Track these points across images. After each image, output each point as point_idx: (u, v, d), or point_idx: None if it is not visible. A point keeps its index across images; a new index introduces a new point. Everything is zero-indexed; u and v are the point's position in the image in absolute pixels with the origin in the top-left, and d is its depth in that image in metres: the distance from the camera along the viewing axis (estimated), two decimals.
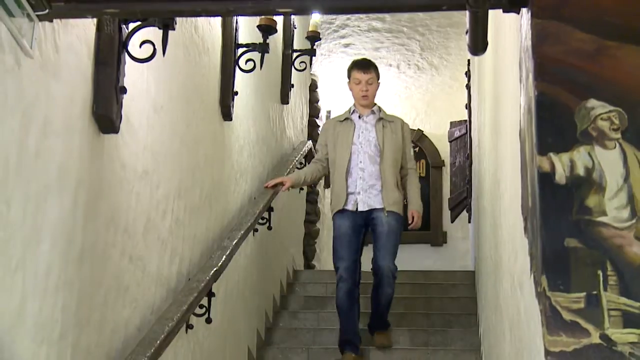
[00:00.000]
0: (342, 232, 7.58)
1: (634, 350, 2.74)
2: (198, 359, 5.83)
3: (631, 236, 2.85)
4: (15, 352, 3.16)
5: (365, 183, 7.54)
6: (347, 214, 7.57)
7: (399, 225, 7.60)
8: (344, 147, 7.64)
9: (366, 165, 7.56)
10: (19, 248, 3.17)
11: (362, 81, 7.74)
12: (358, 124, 7.76)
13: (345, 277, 7.43)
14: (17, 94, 3.13)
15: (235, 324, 7.04)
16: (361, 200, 7.54)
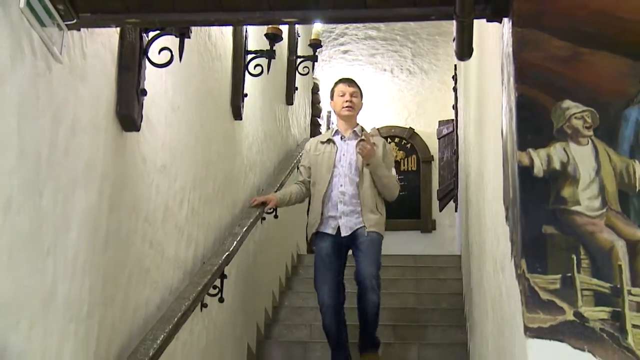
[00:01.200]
0: (322, 254, 6.72)
1: (604, 326, 2.74)
2: (212, 335, 5.83)
3: (602, 223, 2.85)
4: (48, 328, 3.16)
5: (347, 207, 6.68)
6: (327, 237, 6.72)
7: (379, 241, 6.72)
8: (325, 169, 6.80)
9: (347, 189, 6.71)
10: (50, 234, 3.17)
11: (346, 93, 6.90)
12: (340, 146, 6.88)
13: (328, 302, 6.56)
14: (48, 96, 3.13)
15: (245, 303, 7.04)
16: (343, 225, 6.67)
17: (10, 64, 2.81)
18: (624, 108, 2.94)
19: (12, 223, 2.84)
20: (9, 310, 2.83)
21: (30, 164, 2.98)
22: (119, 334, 4.02)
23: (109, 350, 3.87)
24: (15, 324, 2.89)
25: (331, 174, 6.74)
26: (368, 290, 6.42)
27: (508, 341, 3.39)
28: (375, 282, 6.45)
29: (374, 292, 6.43)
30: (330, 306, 6.52)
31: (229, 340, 6.43)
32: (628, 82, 2.96)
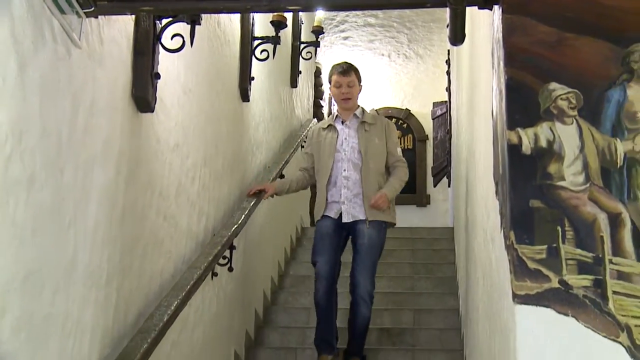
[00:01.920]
0: (323, 231, 6.22)
1: (586, 292, 2.75)
2: (222, 301, 5.85)
3: (585, 197, 2.86)
4: (70, 295, 3.17)
5: (350, 192, 6.16)
6: (329, 219, 6.23)
7: (380, 237, 6.17)
8: (328, 155, 6.30)
9: (350, 174, 6.20)
10: (71, 208, 3.17)
11: (342, 84, 6.33)
12: (341, 131, 6.36)
13: (323, 273, 6.05)
14: (68, 79, 3.13)
15: (253, 272, 7.05)
16: (345, 211, 6.16)
17: (32, 49, 2.81)
18: (606, 89, 2.94)
19: (36, 198, 2.84)
20: (33, 279, 2.84)
21: (52, 143, 2.98)
22: (136, 301, 4.03)
23: (126, 316, 3.89)
24: (39, 292, 2.90)
25: (333, 159, 6.27)
26: (360, 304, 5.98)
27: (497, 307, 3.39)
28: (368, 297, 5.99)
29: (366, 307, 5.99)
30: (325, 276, 6.05)
31: (237, 306, 6.44)
32: (610, 65, 2.96)
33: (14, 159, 2.68)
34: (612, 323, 2.71)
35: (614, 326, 2.71)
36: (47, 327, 2.98)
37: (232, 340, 6.35)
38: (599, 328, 2.72)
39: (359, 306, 5.95)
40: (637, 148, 2.89)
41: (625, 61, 2.96)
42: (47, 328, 2.98)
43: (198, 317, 5.17)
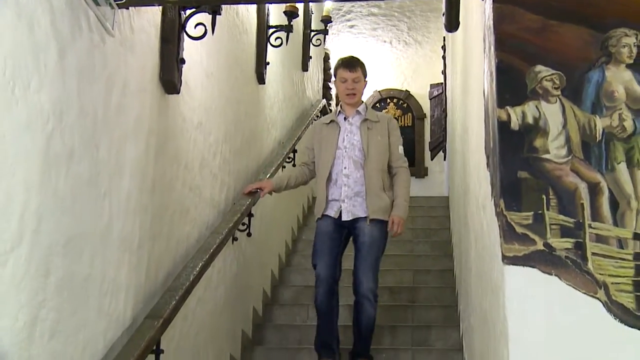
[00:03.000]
0: (323, 230, 5.45)
1: (568, 254, 2.75)
2: (241, 263, 5.87)
3: (568, 169, 2.86)
4: (106, 258, 3.19)
5: (351, 190, 5.37)
6: (329, 218, 5.44)
7: (382, 235, 5.40)
8: (328, 151, 5.49)
9: (351, 172, 5.40)
10: (106, 180, 3.18)
11: (348, 79, 5.50)
12: (343, 127, 5.54)
13: (323, 276, 5.32)
14: (103, 64, 3.14)
15: (269, 237, 7.07)
16: (345, 209, 5.37)
17: (70, 37, 2.81)
18: (586, 71, 2.94)
19: (75, 171, 2.85)
20: (74, 244, 2.86)
21: (89, 121, 2.99)
22: (165, 263, 4.05)
23: (156, 276, 3.91)
24: (79, 255, 2.92)
25: (334, 156, 5.44)
26: (364, 303, 5.26)
27: (488, 267, 3.40)
28: (372, 295, 5.27)
29: (370, 306, 5.26)
30: (325, 281, 5.29)
31: (255, 267, 6.46)
32: (590, 49, 2.95)
33: (55, 136, 2.68)
34: (591, 281, 2.72)
35: (592, 284, 2.72)
36: (87, 287, 3.00)
37: (251, 297, 6.37)
38: (579, 285, 2.72)
39: (363, 305, 5.26)
40: (614, 124, 2.89)
41: (604, 45, 2.95)
42: (86, 287, 3.00)
43: (220, 277, 5.19)
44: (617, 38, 2.96)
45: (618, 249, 2.76)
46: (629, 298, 2.70)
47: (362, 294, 5.25)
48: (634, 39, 2.95)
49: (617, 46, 2.95)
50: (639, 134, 2.87)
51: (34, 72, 2.54)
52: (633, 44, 2.94)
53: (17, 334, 2.45)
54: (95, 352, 3.09)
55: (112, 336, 3.29)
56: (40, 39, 2.58)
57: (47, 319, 2.65)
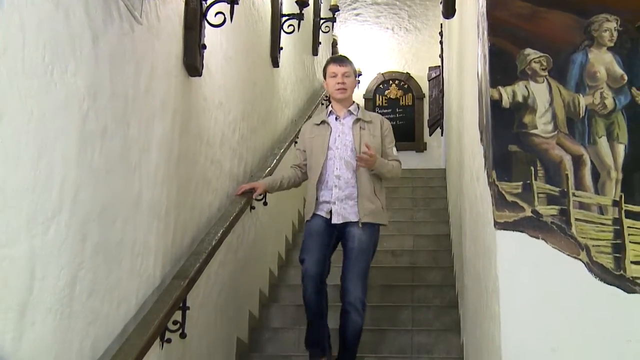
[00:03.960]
0: (313, 228, 4.75)
1: (554, 220, 2.76)
2: (258, 229, 5.89)
3: (554, 142, 2.85)
4: (137, 224, 3.21)
5: (342, 192, 4.69)
6: (319, 217, 4.75)
7: (371, 241, 4.72)
8: (320, 152, 4.80)
9: (342, 173, 4.72)
10: (136, 155, 3.19)
11: (338, 74, 4.82)
12: (335, 127, 4.85)
13: (310, 272, 4.61)
14: (132, 50, 3.14)
15: (283, 206, 7.08)
16: (336, 212, 4.69)
17: (103, 26, 2.81)
18: (571, 53, 2.92)
19: (108, 146, 2.86)
20: (108, 212, 2.87)
21: (120, 102, 3.00)
22: (190, 229, 4.07)
23: (182, 241, 3.93)
24: (113, 222, 2.93)
25: (325, 157, 4.76)
26: (351, 312, 4.55)
27: (481, 232, 3.41)
28: (359, 304, 4.56)
29: (357, 314, 4.54)
30: (313, 275, 4.60)
31: (271, 233, 6.49)
32: (575, 34, 2.94)
33: (90, 115, 2.69)
34: (574, 244, 2.73)
35: (575, 246, 2.72)
36: (120, 250, 3.02)
37: (267, 260, 6.40)
38: (564, 248, 2.73)
39: (350, 314, 4.54)
40: (596, 102, 2.88)
41: (587, 30, 2.94)
42: (120, 251, 3.02)
43: (239, 242, 5.22)
44: (599, 23, 2.94)
45: (599, 215, 2.76)
46: (608, 259, 2.71)
47: (349, 303, 4.54)
48: (614, 23, 2.93)
49: (599, 30, 2.93)
50: (618, 111, 2.87)
51: (71, 58, 2.54)
52: (613, 29, 2.93)
53: (59, 292, 2.47)
54: (128, 309, 3.13)
55: (143, 294, 3.32)
56: (75, 28, 2.58)
57: (85, 279, 2.67)
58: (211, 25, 4.13)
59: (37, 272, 2.32)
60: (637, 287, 2.67)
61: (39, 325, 2.34)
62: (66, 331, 2.53)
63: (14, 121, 2.17)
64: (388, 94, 13.36)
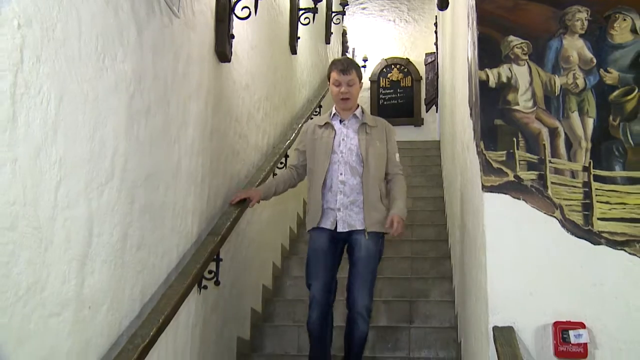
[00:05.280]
0: (317, 246, 3.94)
1: (533, 183, 2.77)
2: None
3: (533, 117, 2.85)
4: (177, 189, 3.23)
5: (347, 199, 3.91)
6: (323, 231, 3.94)
7: (378, 249, 3.93)
8: (323, 155, 4.00)
9: (347, 178, 3.94)
10: (175, 130, 3.20)
11: (342, 83, 4.01)
12: (339, 130, 4.04)
13: (318, 298, 3.85)
14: (171, 40, 3.13)
15: None
16: (341, 219, 3.90)
17: (146, 19, 2.81)
18: (548, 40, 2.91)
19: (152, 123, 2.87)
20: (152, 179, 2.89)
21: (161, 84, 3.00)
22: (221, 193, 4.09)
23: (215, 203, 3.95)
24: (157, 187, 2.95)
25: (329, 160, 3.98)
26: (358, 320, 3.82)
27: (471, 195, 3.41)
28: (366, 312, 3.83)
29: (364, 322, 3.83)
30: (320, 304, 3.84)
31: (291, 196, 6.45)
32: (551, 23, 2.92)
33: (136, 96, 2.70)
34: (550, 204, 2.73)
35: (551, 206, 2.73)
36: (163, 211, 3.04)
37: (288, 219, 6.42)
38: (541, 207, 2.74)
39: (357, 323, 3.83)
40: (569, 82, 2.87)
41: (562, 20, 2.92)
42: (163, 212, 3.04)
43: (264, 204, 5.21)
44: (572, 13, 2.92)
45: (571, 179, 2.76)
46: (578, 216, 2.71)
47: (356, 311, 3.82)
48: (585, 14, 2.92)
49: (572, 20, 2.92)
50: (588, 90, 2.86)
51: (119, 46, 2.55)
52: (584, 18, 2.91)
53: (112, 246, 2.50)
54: (170, 260, 3.16)
55: (183, 248, 3.34)
56: (123, 21, 2.59)
57: (134, 235, 2.70)
58: (238, 18, 4.12)
59: (94, 229, 2.35)
60: (602, 240, 2.69)
61: (97, 273, 2.37)
62: (119, 279, 2.56)
63: (73, 102, 2.18)
64: (390, 77, 13.27)
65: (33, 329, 1.97)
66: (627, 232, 2.68)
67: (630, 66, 2.85)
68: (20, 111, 1.89)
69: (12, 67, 1.85)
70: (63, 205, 2.13)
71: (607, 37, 2.90)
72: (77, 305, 2.23)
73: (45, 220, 2.02)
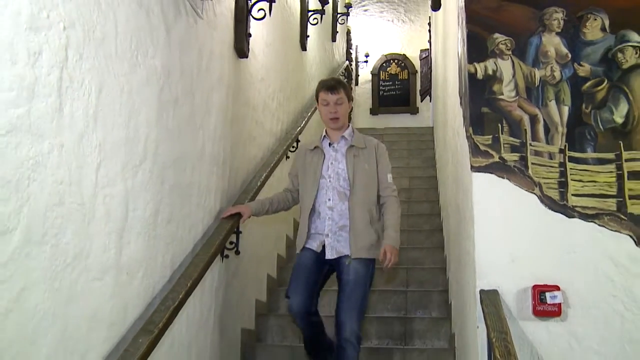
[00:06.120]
0: (302, 262, 3.35)
1: (515, 164, 2.77)
2: None
3: (516, 105, 2.85)
4: (201, 170, 3.24)
5: (335, 224, 3.32)
6: (311, 251, 3.34)
7: (367, 272, 3.29)
8: (312, 180, 3.42)
9: (335, 203, 3.34)
10: (200, 117, 3.21)
11: (330, 102, 3.41)
12: (328, 154, 3.44)
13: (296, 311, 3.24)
14: (196, 39, 3.14)
15: None
16: (329, 245, 3.31)
17: (174, 20, 2.81)
18: (529, 37, 2.91)
19: (179, 112, 2.89)
20: (180, 161, 2.90)
21: (187, 78, 3.01)
22: (241, 174, 4.10)
23: (235, 183, 3.96)
24: (184, 168, 2.97)
25: (317, 186, 3.39)
26: (347, 347, 3.17)
27: (461, 174, 3.42)
28: (355, 339, 3.17)
29: (353, 349, 3.17)
30: (299, 315, 3.26)
31: None
32: (531, 22, 2.92)
33: (165, 88, 2.71)
34: (530, 182, 2.74)
35: (531, 184, 2.74)
36: (190, 190, 3.06)
37: None
38: (523, 185, 2.74)
39: (346, 351, 3.18)
40: (547, 74, 2.87)
41: (541, 19, 2.91)
42: (189, 190, 3.06)
43: (278, 183, 5.19)
44: (550, 14, 2.91)
45: (549, 160, 2.77)
46: (555, 193, 2.72)
47: (345, 338, 3.16)
48: (561, 14, 2.91)
49: (550, 19, 2.91)
50: (564, 81, 2.86)
51: (150, 45, 2.55)
52: (560, 18, 2.90)
53: (146, 220, 2.52)
54: (196, 233, 3.18)
55: (207, 222, 3.36)
56: (153, 22, 2.59)
57: (165, 211, 2.72)
58: (255, 18, 4.11)
59: (129, 205, 2.37)
60: (575, 213, 2.70)
61: (133, 244, 2.39)
62: (152, 249, 2.59)
63: (110, 94, 2.20)
64: (389, 71, 13.22)
65: (80, 291, 2.00)
66: (597, 206, 2.69)
67: (600, 60, 2.85)
68: (66, 102, 1.91)
69: (59, 64, 1.87)
70: (103, 184, 2.15)
71: (580, 34, 2.89)
72: (117, 272, 2.26)
73: (88, 198, 2.05)
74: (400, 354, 4.12)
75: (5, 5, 1.64)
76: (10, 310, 1.67)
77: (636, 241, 2.64)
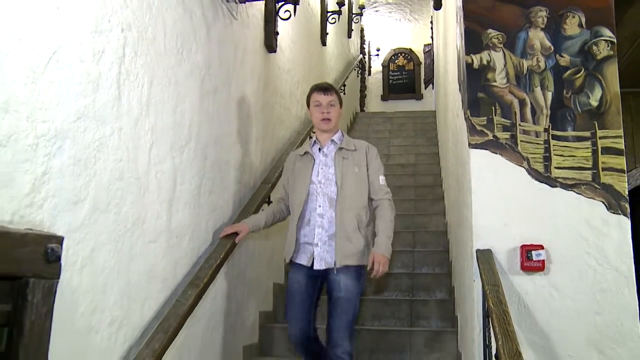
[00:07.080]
0: (294, 287, 2.76)
1: (507, 141, 2.75)
2: None
3: (507, 91, 2.82)
4: (238, 149, 3.26)
5: (325, 233, 2.72)
6: (300, 268, 2.75)
7: (357, 285, 2.68)
8: (301, 187, 2.81)
9: (325, 210, 2.75)
10: (235, 105, 3.23)
11: (322, 103, 2.86)
12: (317, 159, 2.86)
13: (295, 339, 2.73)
14: (231, 37, 3.14)
15: None
16: (318, 255, 2.71)
17: (213, 21, 2.82)
18: (517, 32, 2.86)
19: (218, 99, 2.90)
20: (219, 142, 2.92)
21: (224, 70, 3.02)
22: (270, 152, 4.11)
23: (266, 160, 3.98)
24: (222, 148, 2.99)
25: (307, 192, 2.79)
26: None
27: (460, 151, 3.41)
28: (347, 356, 2.62)
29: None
30: (298, 342, 2.74)
31: None
32: (519, 19, 2.87)
33: (206, 80, 2.73)
34: (519, 157, 2.72)
35: (520, 158, 2.72)
36: (227, 166, 3.09)
37: None
38: (513, 160, 2.73)
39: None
40: (534, 64, 2.83)
41: (528, 17, 2.87)
42: (227, 166, 3.08)
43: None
44: (535, 12, 2.87)
45: (535, 138, 2.74)
46: (540, 166, 2.70)
47: (336, 355, 2.62)
48: (545, 12, 2.87)
49: (535, 17, 2.86)
50: (548, 70, 2.82)
51: (193, 42, 2.57)
52: (544, 15, 2.86)
53: (191, 192, 2.56)
54: (234, 202, 3.21)
55: (243, 193, 3.39)
56: (196, 23, 2.60)
57: (207, 184, 2.76)
58: (282, 19, 4.09)
59: (177, 179, 2.41)
60: (557, 184, 2.68)
61: (181, 212, 2.43)
62: (197, 216, 2.63)
63: (160, 85, 2.22)
64: (397, 62, 13.08)
65: (138, 252, 2.04)
66: (575, 177, 2.68)
67: (578, 52, 2.82)
68: (123, 92, 1.94)
69: (117, 60, 1.89)
70: (155, 162, 2.18)
71: (561, 30, 2.85)
72: (168, 235, 2.30)
73: (142, 173, 2.08)
74: (408, 304, 4.15)
75: (76, 12, 1.66)
76: (84, 265, 1.72)
77: (607, 206, 2.63)
